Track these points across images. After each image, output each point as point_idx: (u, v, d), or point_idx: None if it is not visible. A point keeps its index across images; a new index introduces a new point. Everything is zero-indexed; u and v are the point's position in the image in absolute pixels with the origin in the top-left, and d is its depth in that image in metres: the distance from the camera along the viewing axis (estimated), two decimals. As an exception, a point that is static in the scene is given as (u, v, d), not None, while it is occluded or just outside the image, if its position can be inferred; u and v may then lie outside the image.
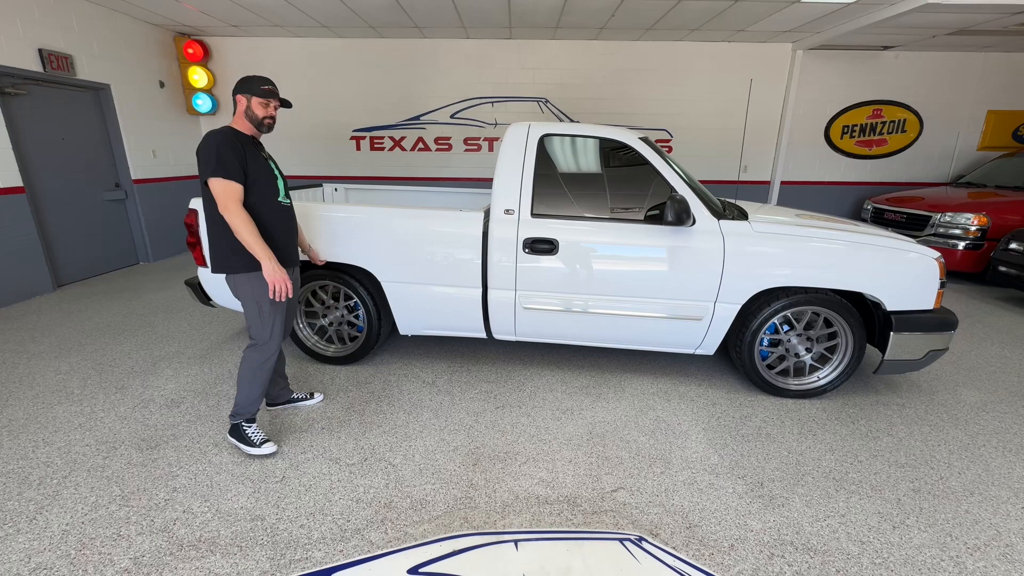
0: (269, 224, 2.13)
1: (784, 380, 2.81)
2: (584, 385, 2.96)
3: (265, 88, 2.11)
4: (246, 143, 2.08)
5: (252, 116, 2.11)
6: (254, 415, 2.29)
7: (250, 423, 2.28)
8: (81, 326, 3.81)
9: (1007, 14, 4.77)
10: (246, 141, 2.09)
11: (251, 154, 2.07)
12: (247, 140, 2.10)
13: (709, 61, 6.48)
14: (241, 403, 2.24)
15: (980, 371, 3.21)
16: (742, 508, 1.96)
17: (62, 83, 4.83)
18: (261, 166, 2.12)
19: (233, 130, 2.09)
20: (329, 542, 1.76)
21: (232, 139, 2.03)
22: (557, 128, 2.75)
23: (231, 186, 1.99)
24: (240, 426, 2.26)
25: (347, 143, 6.94)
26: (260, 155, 2.14)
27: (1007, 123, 6.81)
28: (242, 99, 2.10)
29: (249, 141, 2.11)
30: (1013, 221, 4.97)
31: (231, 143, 2.01)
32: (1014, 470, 2.22)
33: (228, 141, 2.01)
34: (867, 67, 6.56)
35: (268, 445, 2.24)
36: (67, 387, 2.86)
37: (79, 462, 2.19)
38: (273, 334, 2.21)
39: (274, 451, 2.24)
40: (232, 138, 2.03)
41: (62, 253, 4.93)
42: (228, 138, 2.02)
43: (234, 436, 2.27)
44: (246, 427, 2.26)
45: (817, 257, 2.57)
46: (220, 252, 2.11)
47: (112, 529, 1.81)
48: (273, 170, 2.19)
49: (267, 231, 2.11)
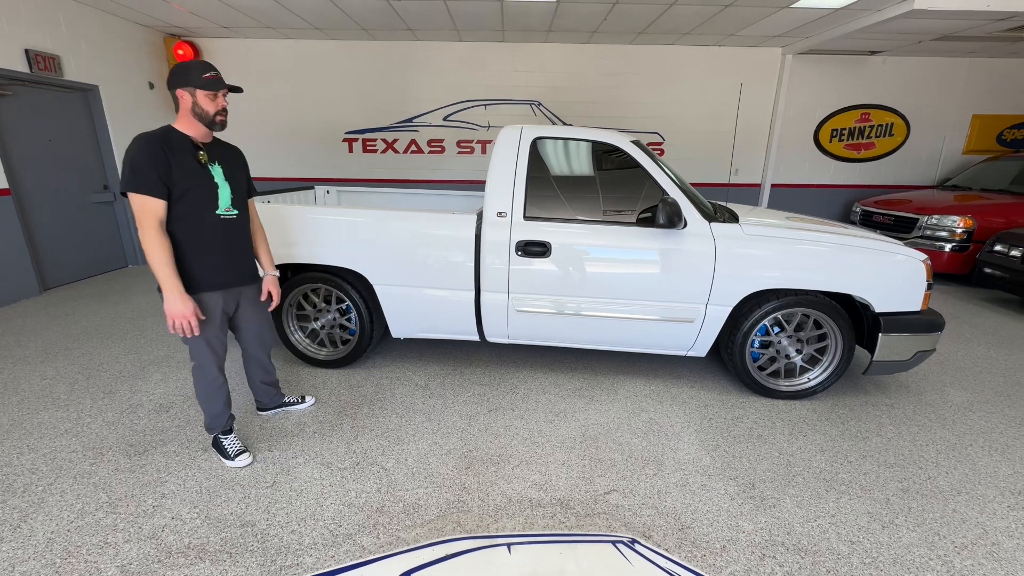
0: (204, 241, 1.91)
1: (775, 381, 2.83)
2: (577, 387, 2.97)
3: (209, 77, 1.82)
4: (178, 148, 1.82)
5: (201, 113, 1.85)
6: (228, 427, 2.24)
7: (226, 434, 2.23)
8: (68, 330, 3.76)
9: (991, 20, 4.87)
10: (179, 146, 1.83)
11: (180, 161, 1.81)
12: (182, 144, 1.84)
13: (700, 65, 6.54)
14: (207, 419, 2.20)
15: (967, 371, 3.26)
16: (734, 509, 1.97)
17: (49, 84, 4.77)
18: (195, 174, 1.86)
19: (164, 133, 1.83)
20: (320, 547, 1.75)
21: (156, 145, 1.77)
22: (549, 131, 2.76)
23: (146, 202, 1.75)
24: (217, 438, 2.23)
25: (340, 145, 6.91)
26: (195, 161, 1.86)
27: (991, 127, 6.93)
28: (184, 94, 1.83)
29: (185, 145, 1.85)
30: (998, 223, 5.06)
31: (152, 151, 1.76)
32: (1000, 469, 2.26)
33: (149, 148, 1.76)
34: (855, 72, 6.66)
35: (242, 457, 2.18)
36: (53, 392, 2.81)
37: (65, 468, 2.16)
38: (204, 355, 2.04)
39: (249, 463, 2.18)
40: (156, 144, 1.77)
41: (49, 256, 4.86)
42: (150, 144, 1.77)
43: (214, 447, 2.25)
44: (222, 439, 2.22)
45: (807, 259, 2.60)
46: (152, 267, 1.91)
47: (99, 537, 1.78)
48: (214, 177, 1.92)
49: (200, 248, 1.91)
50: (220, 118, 1.90)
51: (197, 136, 1.91)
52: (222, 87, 1.87)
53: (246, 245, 2.13)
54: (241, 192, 2.07)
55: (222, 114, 1.90)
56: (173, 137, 1.85)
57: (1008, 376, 3.20)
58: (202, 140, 1.94)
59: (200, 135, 1.92)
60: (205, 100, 1.84)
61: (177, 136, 1.86)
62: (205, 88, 1.83)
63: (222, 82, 1.87)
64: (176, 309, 1.83)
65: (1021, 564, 1.73)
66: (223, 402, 2.17)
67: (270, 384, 2.50)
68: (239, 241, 2.06)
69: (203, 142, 1.94)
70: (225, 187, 1.97)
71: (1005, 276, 4.47)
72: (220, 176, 1.96)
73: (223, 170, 1.97)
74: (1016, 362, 3.41)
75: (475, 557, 1.70)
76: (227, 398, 2.20)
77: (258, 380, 2.45)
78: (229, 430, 2.25)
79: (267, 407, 2.57)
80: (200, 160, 1.89)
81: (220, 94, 1.88)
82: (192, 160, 1.86)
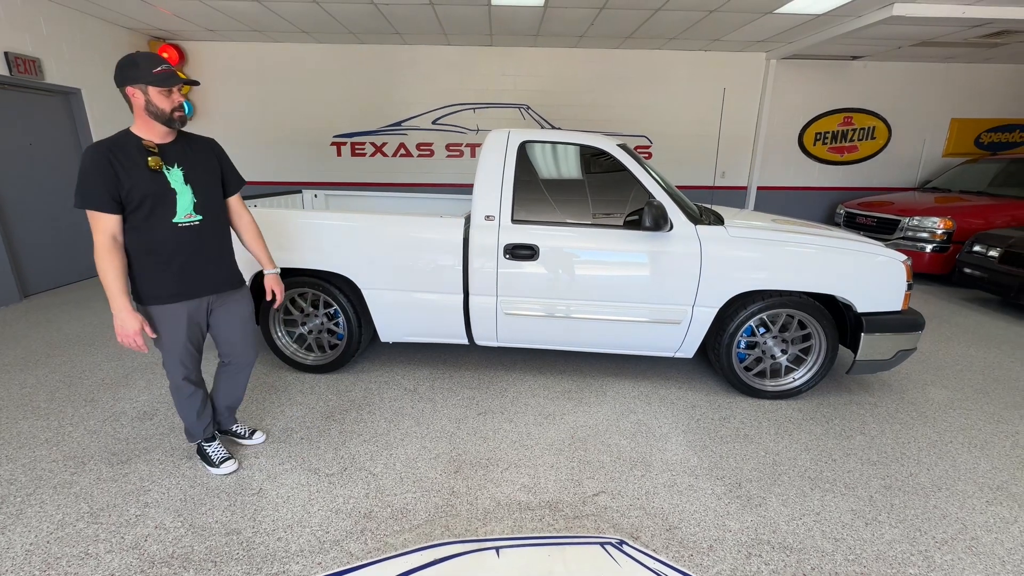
0: (161, 251, 1.79)
1: (761, 381, 2.87)
2: (566, 390, 2.98)
3: (161, 72, 1.66)
4: (129, 155, 1.69)
5: (157, 112, 1.69)
6: (210, 435, 2.19)
7: (209, 442, 2.19)
8: (49, 337, 3.69)
9: (967, 27, 4.99)
10: (129, 151, 1.70)
11: (130, 169, 1.68)
12: (131, 148, 1.71)
13: (687, 69, 6.62)
14: (187, 428, 2.16)
15: (947, 370, 3.33)
16: (720, 509, 1.99)
17: (30, 87, 4.69)
18: (146, 181, 1.71)
19: (116, 140, 1.71)
20: (307, 554, 1.73)
21: (103, 156, 1.65)
22: (537, 135, 2.77)
23: (97, 218, 1.67)
24: (200, 446, 2.19)
25: (328, 149, 6.88)
26: (146, 166, 1.71)
27: (970, 131, 7.10)
28: (135, 92, 1.67)
29: (135, 149, 1.71)
30: (976, 224, 5.18)
31: (99, 163, 1.64)
32: (979, 465, 2.30)
33: (97, 160, 1.64)
34: (838, 76, 6.78)
35: (227, 464, 2.14)
36: (33, 401, 2.76)
37: (45, 479, 2.11)
38: (171, 367, 1.97)
39: (234, 469, 2.15)
40: (103, 155, 1.65)
41: (29, 262, 4.77)
42: (97, 156, 1.65)
43: (199, 455, 2.21)
44: (206, 446, 2.18)
45: (791, 261, 2.63)
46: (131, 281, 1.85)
47: (80, 548, 1.75)
48: (170, 183, 1.76)
49: (157, 259, 1.80)
50: (179, 114, 1.74)
51: (155, 137, 1.76)
52: (176, 82, 1.70)
53: (217, 251, 1.96)
54: (209, 193, 1.89)
55: (180, 110, 1.75)
56: (125, 142, 1.71)
57: (987, 374, 3.27)
58: (161, 141, 1.78)
59: (159, 135, 1.77)
60: (159, 97, 1.68)
61: (130, 140, 1.73)
62: (157, 84, 1.66)
63: (175, 76, 1.69)
64: (123, 326, 1.76)
65: (999, 558, 1.76)
66: (196, 412, 2.10)
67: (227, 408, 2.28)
68: (206, 247, 1.90)
69: (160, 143, 1.78)
70: (185, 191, 1.80)
71: (984, 276, 4.57)
72: (179, 180, 1.79)
73: (183, 172, 1.80)
74: (995, 360, 3.49)
75: (464, 561, 1.70)
76: (201, 407, 2.11)
77: (220, 396, 2.23)
78: (212, 437, 2.20)
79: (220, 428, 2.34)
80: (151, 166, 1.72)
81: (175, 89, 1.71)
82: (143, 166, 1.71)
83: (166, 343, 1.93)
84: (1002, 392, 3.02)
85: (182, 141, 1.86)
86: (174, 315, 1.89)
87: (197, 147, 1.91)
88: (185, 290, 1.87)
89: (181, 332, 1.92)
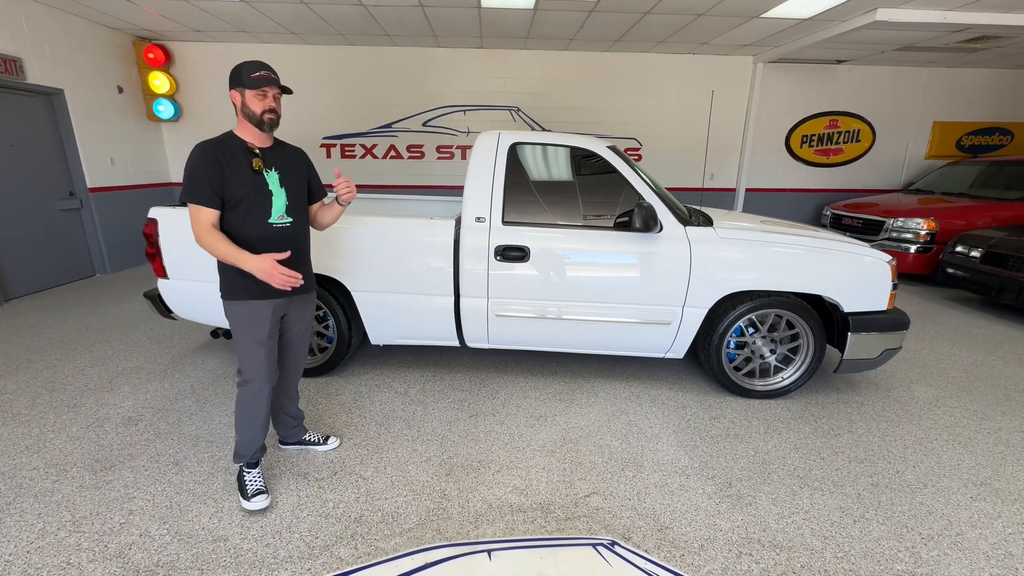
0: (257, 248, 1.82)
1: (750, 381, 2.89)
2: (557, 391, 2.98)
3: (258, 76, 1.78)
4: (233, 155, 1.80)
5: (249, 114, 1.81)
6: (256, 459, 2.04)
7: (251, 467, 2.04)
8: (30, 342, 3.61)
9: (948, 32, 5.10)
10: (235, 152, 1.81)
11: (234, 168, 1.78)
12: (236, 150, 1.82)
13: (676, 72, 6.68)
14: (238, 445, 2.02)
15: (932, 368, 3.38)
16: (711, 508, 2.00)
17: (10, 87, 4.60)
18: (248, 181, 1.81)
19: (222, 140, 1.83)
20: (296, 560, 1.71)
21: (211, 154, 1.77)
22: (527, 137, 2.78)
23: (200, 213, 1.75)
24: (241, 470, 2.04)
25: (317, 151, 6.83)
26: (249, 167, 1.82)
27: (951, 133, 7.24)
28: (235, 95, 1.82)
29: (239, 150, 1.82)
30: (959, 225, 5.28)
31: (208, 160, 1.76)
32: (963, 461, 2.34)
33: (205, 158, 1.76)
34: (823, 80, 6.89)
35: (259, 499, 1.96)
36: (13, 408, 2.69)
37: (25, 487, 2.06)
38: (257, 367, 1.93)
39: (264, 507, 1.96)
40: (211, 153, 1.77)
41: (10, 265, 4.66)
42: (205, 153, 1.77)
43: (237, 480, 2.07)
44: (246, 472, 2.03)
45: (779, 262, 2.66)
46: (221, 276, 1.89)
47: (61, 557, 1.71)
48: (268, 184, 1.86)
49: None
50: (268, 117, 1.83)
51: (254, 140, 1.86)
52: (267, 84, 1.79)
53: (302, 252, 2.02)
54: (299, 198, 1.97)
55: (270, 113, 1.83)
56: (230, 143, 1.82)
57: (970, 372, 3.33)
58: (260, 144, 1.88)
59: (256, 139, 1.87)
60: (253, 100, 1.80)
61: (235, 142, 1.83)
62: (252, 87, 1.78)
63: (268, 79, 1.80)
64: (265, 263, 1.75)
65: (983, 553, 1.79)
66: (263, 420, 2.00)
67: (291, 415, 2.28)
68: (294, 248, 1.93)
69: (261, 147, 1.88)
70: (280, 194, 1.89)
71: (966, 276, 4.66)
72: (275, 183, 1.88)
73: (279, 176, 1.89)
74: (978, 358, 3.55)
75: (455, 565, 1.69)
76: (266, 420, 2.03)
77: (280, 407, 2.23)
78: (255, 462, 2.05)
79: (287, 441, 2.34)
80: (254, 167, 1.82)
81: (270, 93, 1.81)
82: (246, 167, 1.81)
83: (251, 342, 1.91)
84: (985, 390, 3.07)
85: (278, 147, 1.96)
86: (262, 312, 1.90)
87: (290, 156, 2.00)
88: (274, 288, 1.86)
89: (265, 330, 1.92)
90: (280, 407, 2.24)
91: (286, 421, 2.28)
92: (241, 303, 1.88)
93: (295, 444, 2.35)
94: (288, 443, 2.34)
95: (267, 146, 1.90)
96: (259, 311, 1.90)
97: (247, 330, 1.90)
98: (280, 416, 2.26)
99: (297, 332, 2.12)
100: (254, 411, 1.98)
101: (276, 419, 2.27)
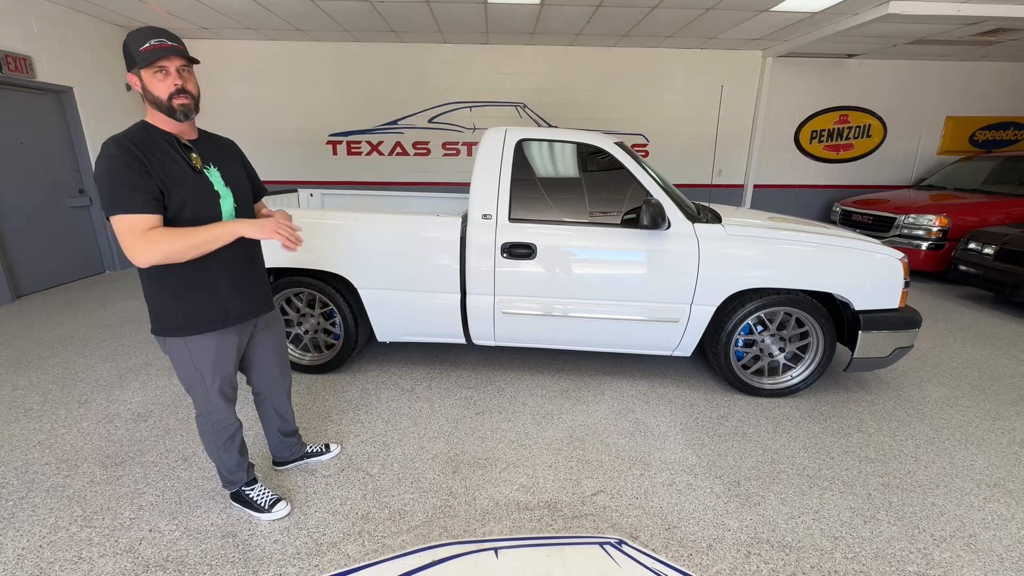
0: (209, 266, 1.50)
1: (759, 380, 2.87)
2: (564, 389, 2.97)
3: (148, 48, 1.32)
4: (161, 149, 1.40)
5: (154, 100, 1.38)
6: (251, 477, 1.92)
7: (251, 485, 1.91)
8: (42, 338, 3.65)
9: (962, 25, 5.01)
10: (161, 146, 1.40)
11: (166, 166, 1.39)
12: (163, 144, 1.41)
13: (683, 67, 6.62)
14: (222, 474, 1.86)
15: (944, 367, 3.34)
16: (719, 508, 1.98)
17: (20, 85, 4.64)
18: (187, 181, 1.42)
19: (139, 135, 1.39)
20: (304, 557, 1.71)
21: (131, 147, 1.34)
22: (533, 133, 2.76)
23: (138, 221, 1.33)
24: (240, 492, 1.90)
25: (323, 148, 6.84)
26: (187, 164, 1.43)
27: (964, 128, 7.12)
28: (133, 79, 1.38)
29: (168, 145, 1.42)
30: (971, 222, 5.19)
31: (128, 156, 1.33)
32: (976, 462, 2.31)
33: (124, 154, 1.32)
34: (833, 74, 6.79)
35: (280, 506, 1.87)
36: (25, 403, 2.73)
37: (37, 482, 2.09)
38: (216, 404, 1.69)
39: (288, 512, 1.88)
40: (131, 146, 1.34)
41: (22, 262, 4.72)
42: (124, 149, 1.33)
43: (238, 502, 1.90)
44: (247, 491, 1.89)
45: (788, 259, 2.63)
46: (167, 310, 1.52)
47: (73, 552, 1.73)
48: (212, 185, 1.49)
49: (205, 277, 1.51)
50: (179, 101, 1.38)
51: (176, 132, 1.46)
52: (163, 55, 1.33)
53: (261, 264, 1.74)
54: (246, 198, 1.63)
55: (180, 96, 1.38)
56: (153, 137, 1.41)
57: (983, 370, 3.28)
58: (186, 136, 1.50)
59: (177, 129, 1.46)
60: (152, 81, 1.36)
61: (158, 134, 1.42)
62: (144, 64, 1.33)
63: (163, 48, 1.33)
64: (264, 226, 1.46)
65: (997, 555, 1.77)
66: (238, 453, 1.82)
67: (288, 434, 2.09)
68: (252, 259, 1.65)
69: (189, 139, 1.51)
70: (227, 195, 1.53)
71: (979, 273, 4.59)
72: (219, 182, 1.52)
73: (221, 174, 1.54)
74: (991, 357, 3.50)
75: (462, 562, 1.69)
76: (242, 445, 1.85)
77: (274, 429, 2.04)
78: (253, 480, 1.92)
79: (286, 461, 2.15)
80: (194, 164, 1.45)
81: (172, 67, 1.36)
82: (182, 164, 1.43)
83: (209, 377, 1.62)
84: (998, 389, 3.03)
85: (207, 139, 1.61)
86: (228, 343, 1.62)
87: (223, 146, 1.66)
88: (237, 311, 1.60)
89: (230, 362, 1.66)
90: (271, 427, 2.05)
91: (287, 443, 2.11)
92: (205, 336, 1.56)
93: (297, 461, 2.18)
94: (288, 462, 2.17)
95: (194, 138, 1.53)
96: (225, 340, 1.61)
97: (211, 366, 1.61)
98: (273, 435, 2.08)
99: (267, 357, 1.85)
100: (224, 442, 1.76)
101: (274, 443, 2.10)
